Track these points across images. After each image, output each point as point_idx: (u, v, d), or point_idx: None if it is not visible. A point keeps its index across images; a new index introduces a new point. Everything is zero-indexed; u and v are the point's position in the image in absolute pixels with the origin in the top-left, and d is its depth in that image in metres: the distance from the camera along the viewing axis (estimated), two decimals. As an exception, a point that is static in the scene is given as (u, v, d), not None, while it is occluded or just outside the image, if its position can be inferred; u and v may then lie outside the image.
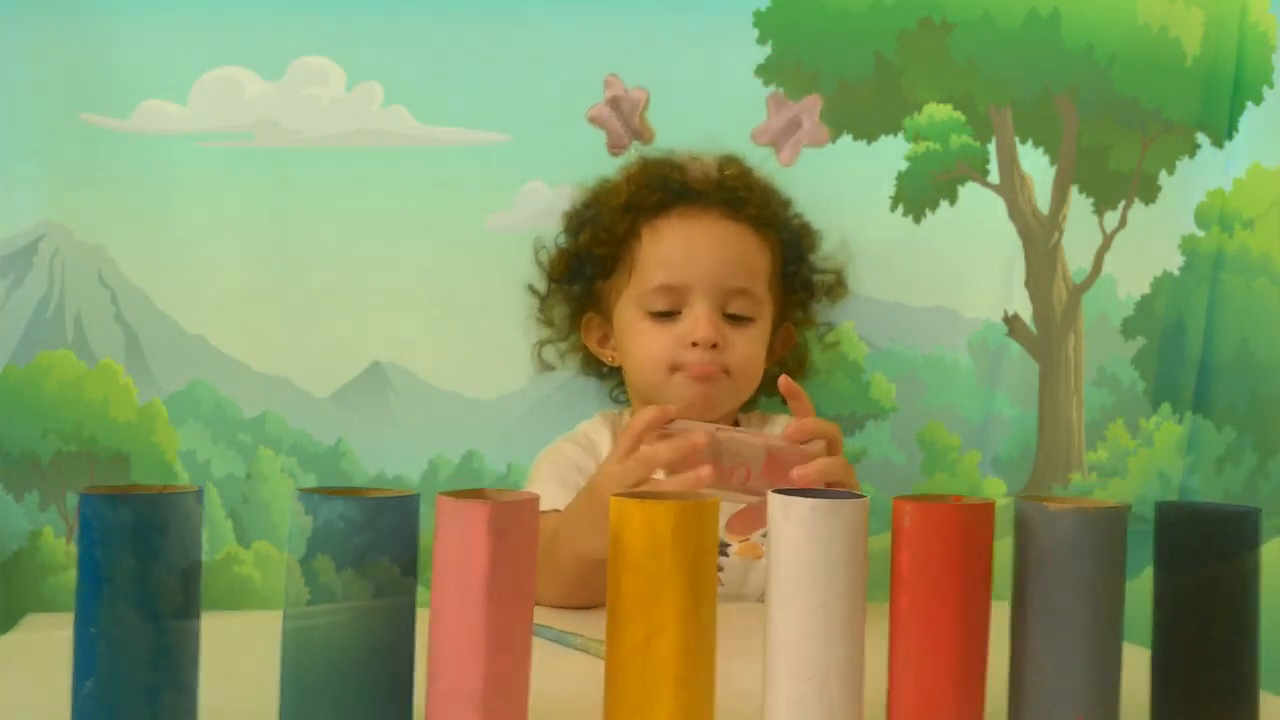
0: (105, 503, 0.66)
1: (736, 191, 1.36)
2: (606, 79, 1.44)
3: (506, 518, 0.67)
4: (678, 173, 1.37)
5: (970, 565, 0.74)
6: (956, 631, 0.74)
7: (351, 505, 0.66)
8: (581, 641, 1.00)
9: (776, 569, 0.73)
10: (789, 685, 0.73)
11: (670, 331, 1.31)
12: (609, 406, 1.46)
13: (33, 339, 1.33)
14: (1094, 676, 0.75)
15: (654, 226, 1.34)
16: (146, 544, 0.66)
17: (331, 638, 0.67)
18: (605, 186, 1.40)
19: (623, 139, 1.44)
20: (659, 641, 0.70)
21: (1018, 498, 0.77)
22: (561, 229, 1.42)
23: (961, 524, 0.74)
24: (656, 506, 0.70)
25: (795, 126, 1.46)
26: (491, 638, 0.67)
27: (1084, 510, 0.74)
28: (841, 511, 0.72)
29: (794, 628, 0.72)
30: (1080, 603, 0.74)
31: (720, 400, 1.32)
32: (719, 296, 1.31)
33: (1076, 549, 0.74)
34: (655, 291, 1.31)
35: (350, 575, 0.66)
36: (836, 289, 1.47)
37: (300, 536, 0.66)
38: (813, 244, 1.45)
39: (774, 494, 0.74)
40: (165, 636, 0.67)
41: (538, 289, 1.43)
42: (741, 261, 1.33)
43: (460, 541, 0.67)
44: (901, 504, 0.75)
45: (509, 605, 0.68)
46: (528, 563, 0.69)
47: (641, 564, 0.70)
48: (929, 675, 0.74)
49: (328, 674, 0.67)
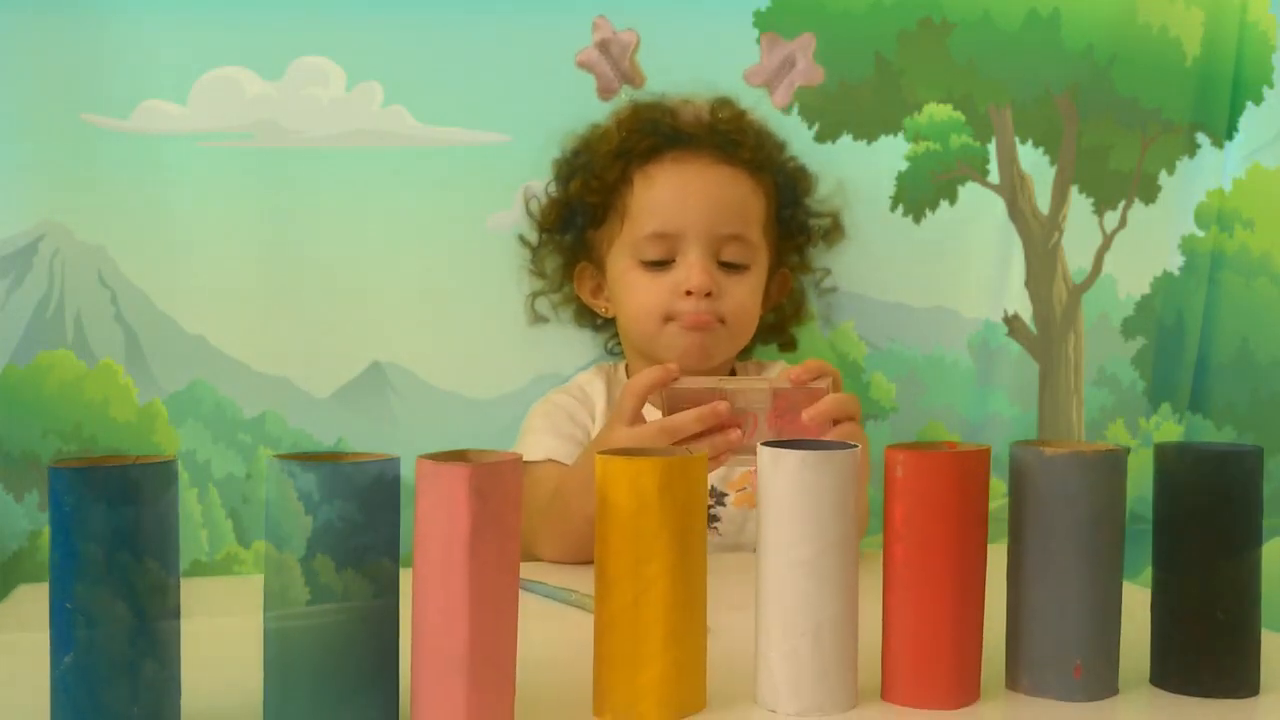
0: (75, 475, 0.65)
1: (730, 135, 1.35)
2: (595, 21, 1.43)
3: (488, 479, 0.66)
4: (669, 117, 1.36)
5: (965, 513, 0.74)
6: (952, 582, 0.74)
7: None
8: (576, 598, 0.99)
9: (767, 521, 0.73)
10: (782, 639, 0.72)
11: (663, 280, 1.30)
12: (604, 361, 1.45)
13: (33, 339, 1.33)
14: (1093, 624, 0.75)
15: (646, 172, 1.33)
16: (119, 517, 0.65)
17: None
18: (595, 133, 1.39)
19: (612, 83, 1.43)
20: (648, 598, 0.70)
21: (1015, 444, 0.77)
22: (551, 177, 1.41)
23: (955, 470, 0.74)
24: (642, 463, 0.70)
25: (789, 66, 1.45)
26: (475, 601, 0.66)
27: (1081, 453, 0.74)
28: (832, 463, 0.72)
29: (786, 580, 0.72)
30: (1079, 548, 0.74)
31: (716, 349, 1.31)
32: (712, 243, 1.30)
33: (1074, 493, 0.74)
34: (647, 240, 1.31)
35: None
36: (833, 233, 1.46)
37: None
38: (808, 187, 1.44)
39: (763, 447, 0.73)
40: (142, 609, 0.66)
41: (529, 239, 1.42)
42: (735, 207, 1.32)
43: (442, 504, 0.66)
44: (894, 453, 0.74)
45: (492, 568, 0.67)
46: (511, 525, 0.68)
47: (629, 521, 0.70)
48: (925, 627, 0.74)
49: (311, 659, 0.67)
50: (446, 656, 0.67)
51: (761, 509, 0.74)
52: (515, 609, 0.70)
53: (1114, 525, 0.75)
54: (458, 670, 0.67)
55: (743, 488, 1.30)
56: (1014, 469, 0.76)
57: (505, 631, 0.69)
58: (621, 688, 0.71)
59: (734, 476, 1.31)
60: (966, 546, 0.74)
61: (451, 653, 0.67)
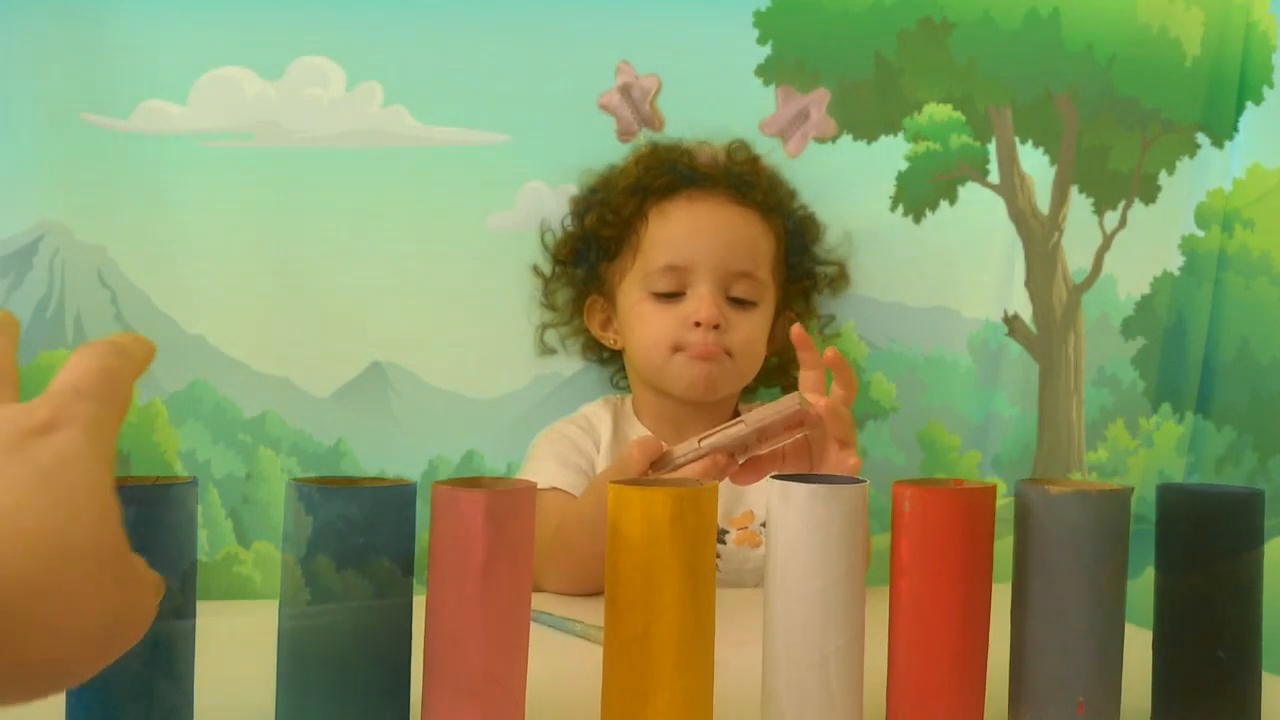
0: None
1: (744, 176, 1.38)
2: (618, 66, 1.44)
3: (503, 506, 0.67)
4: (686, 157, 1.39)
5: (970, 550, 0.74)
6: (956, 617, 0.74)
7: (352, 505, 0.66)
8: (581, 628, 1.00)
9: (775, 554, 0.73)
10: (788, 671, 0.72)
11: (673, 312, 1.31)
12: (611, 394, 1.46)
13: (33, 339, 1.33)
14: (1095, 662, 0.74)
15: (661, 209, 1.35)
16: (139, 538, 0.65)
17: (330, 636, 0.66)
18: (614, 171, 1.41)
19: (632, 125, 1.44)
20: (657, 629, 0.70)
21: (1020, 483, 0.77)
22: (569, 213, 1.43)
23: (962, 508, 0.74)
24: (654, 493, 0.70)
25: (803, 118, 1.46)
26: (488, 627, 0.67)
27: (1086, 493, 0.74)
28: (840, 496, 0.72)
29: (793, 613, 0.72)
30: (1082, 587, 0.74)
31: (722, 381, 1.32)
32: (723, 279, 1.32)
33: (1078, 533, 0.74)
34: (660, 272, 1.32)
35: (351, 575, 0.66)
36: (838, 281, 1.48)
37: (300, 536, 0.66)
38: (816, 235, 1.47)
39: (773, 479, 0.74)
40: (160, 629, 0.66)
41: (542, 271, 1.43)
42: (746, 244, 1.34)
43: (456, 530, 0.67)
44: (901, 489, 0.75)
45: (506, 594, 0.67)
46: (525, 552, 0.69)
47: (640, 551, 0.70)
48: (929, 661, 0.74)
49: (325, 667, 0.67)
50: (459, 681, 0.67)
51: (770, 541, 0.74)
52: (527, 636, 0.70)
53: (1117, 564, 0.75)
54: (469, 695, 0.67)
55: (744, 526, 1.31)
56: (1019, 507, 0.76)
57: (517, 658, 0.69)
58: (630, 716, 0.71)
59: (736, 514, 1.32)
60: (971, 582, 0.74)
61: (464, 677, 0.67)
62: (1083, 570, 0.74)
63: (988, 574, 0.75)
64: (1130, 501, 0.76)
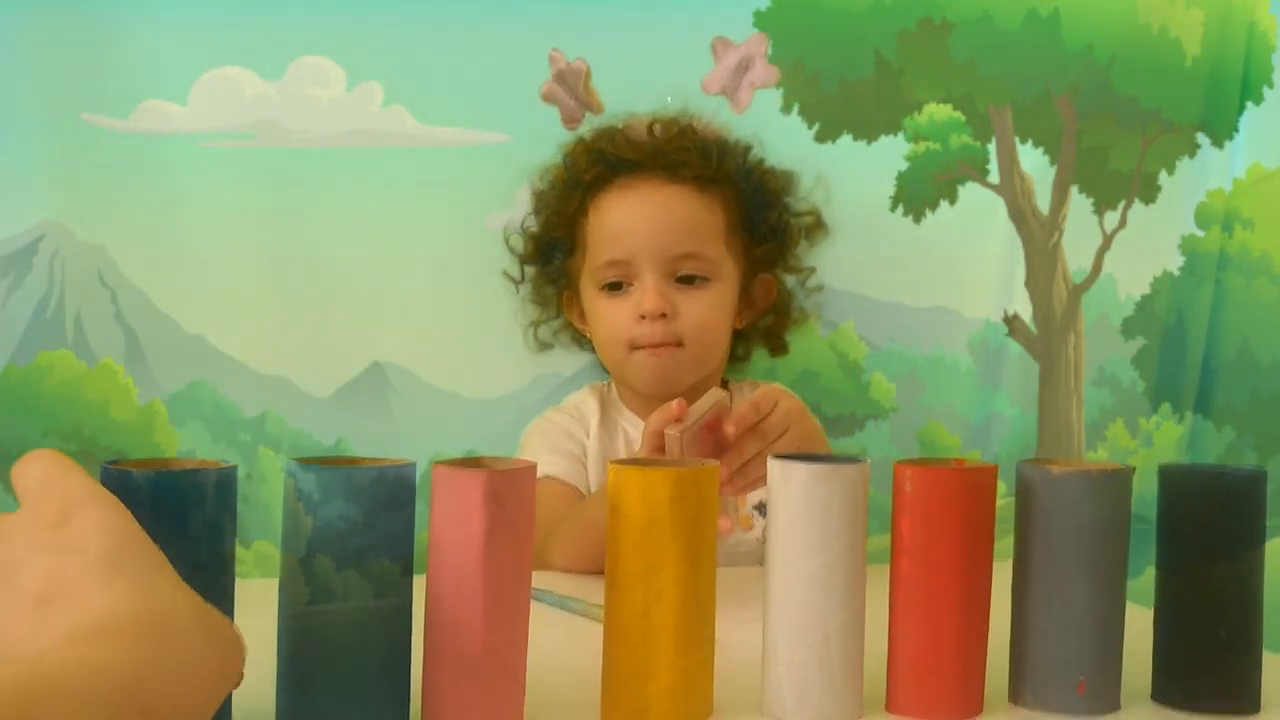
0: (122, 478, 0.62)
1: (671, 155, 1.33)
2: (550, 54, 1.43)
3: (503, 485, 0.67)
4: (612, 145, 1.35)
5: (971, 529, 0.74)
6: (957, 597, 0.74)
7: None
8: (582, 607, 1.00)
9: (776, 533, 0.73)
10: (789, 650, 0.73)
11: (624, 306, 1.29)
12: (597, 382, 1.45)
13: (33, 339, 1.33)
14: (1096, 641, 0.75)
15: (597, 202, 1.33)
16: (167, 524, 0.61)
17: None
18: (555, 168, 1.39)
19: (575, 112, 1.43)
20: (658, 609, 0.70)
21: (1021, 463, 0.77)
22: (529, 213, 1.42)
23: (963, 488, 0.74)
24: (655, 474, 0.70)
25: (745, 68, 1.44)
26: (489, 606, 0.67)
27: (1088, 472, 0.74)
28: (840, 475, 0.72)
29: (793, 592, 0.72)
30: (1083, 567, 0.74)
31: (677, 374, 1.29)
32: (666, 264, 1.29)
33: (1080, 512, 0.74)
34: (604, 267, 1.30)
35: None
36: (815, 230, 1.44)
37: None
38: (784, 187, 1.42)
39: (773, 459, 0.74)
40: None
41: (513, 275, 1.42)
42: (685, 224, 1.30)
43: (457, 510, 0.67)
44: (903, 468, 0.75)
45: (506, 573, 0.67)
46: (525, 530, 0.68)
47: (640, 531, 0.70)
48: (930, 640, 0.74)
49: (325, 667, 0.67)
50: (459, 660, 0.67)
51: (771, 520, 0.74)
52: (527, 614, 0.70)
53: (1118, 543, 0.75)
54: (470, 673, 0.67)
55: (738, 508, 1.30)
56: (1020, 487, 0.76)
57: (518, 636, 0.69)
58: (631, 696, 0.71)
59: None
60: (972, 562, 0.74)
61: (464, 656, 0.67)
62: (1084, 549, 0.74)
63: (988, 553, 0.75)
64: (1131, 481, 0.76)
